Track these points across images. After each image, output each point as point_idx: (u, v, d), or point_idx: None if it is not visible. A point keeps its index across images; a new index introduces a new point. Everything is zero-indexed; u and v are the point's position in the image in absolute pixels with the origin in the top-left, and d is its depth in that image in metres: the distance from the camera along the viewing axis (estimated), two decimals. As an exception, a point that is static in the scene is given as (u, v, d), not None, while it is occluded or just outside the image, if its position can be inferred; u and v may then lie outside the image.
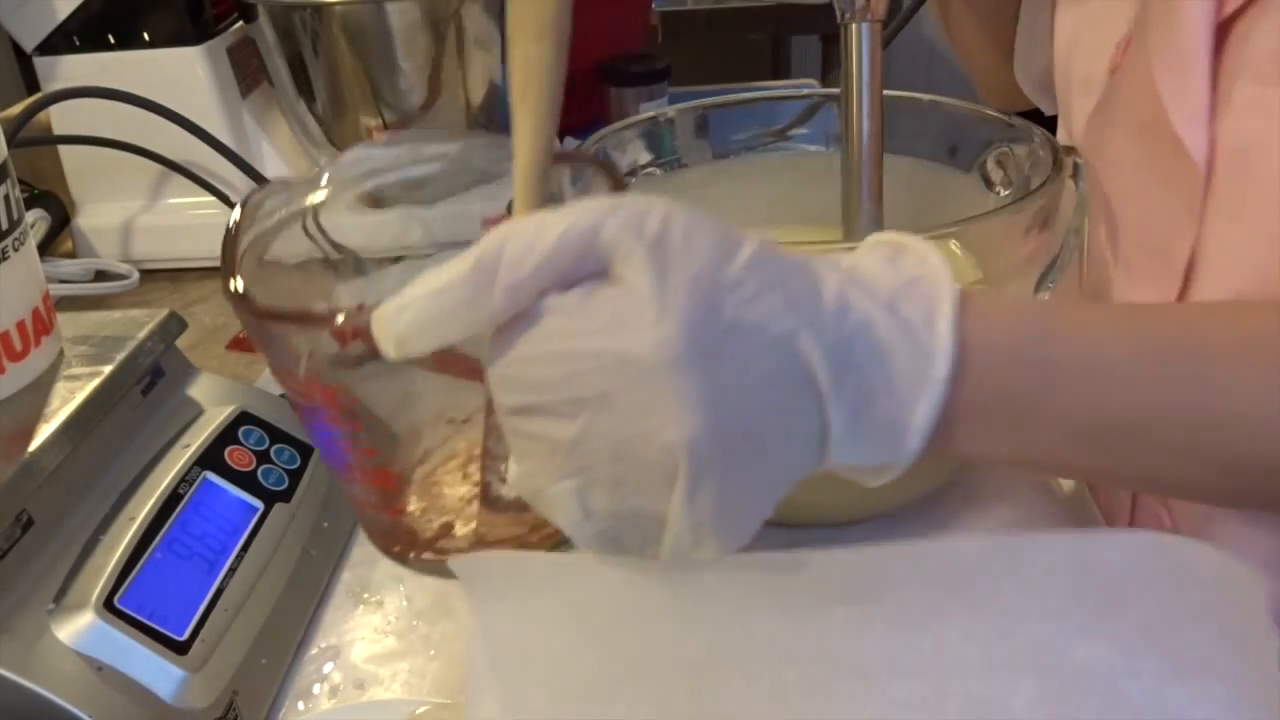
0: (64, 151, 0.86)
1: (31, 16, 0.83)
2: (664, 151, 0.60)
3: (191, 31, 0.83)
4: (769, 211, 0.60)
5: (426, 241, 0.54)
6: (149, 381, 0.53)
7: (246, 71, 0.89)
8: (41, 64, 0.84)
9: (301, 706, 0.47)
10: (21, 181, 0.91)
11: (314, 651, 0.50)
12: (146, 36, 0.84)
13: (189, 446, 0.51)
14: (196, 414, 0.54)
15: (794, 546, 0.43)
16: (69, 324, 0.53)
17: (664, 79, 1.05)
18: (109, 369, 0.49)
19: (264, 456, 0.53)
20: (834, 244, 0.53)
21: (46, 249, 0.86)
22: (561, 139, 0.97)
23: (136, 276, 0.84)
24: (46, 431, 0.45)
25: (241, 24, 0.89)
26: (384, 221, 0.51)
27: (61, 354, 0.50)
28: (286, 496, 0.53)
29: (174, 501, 0.48)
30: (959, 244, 0.53)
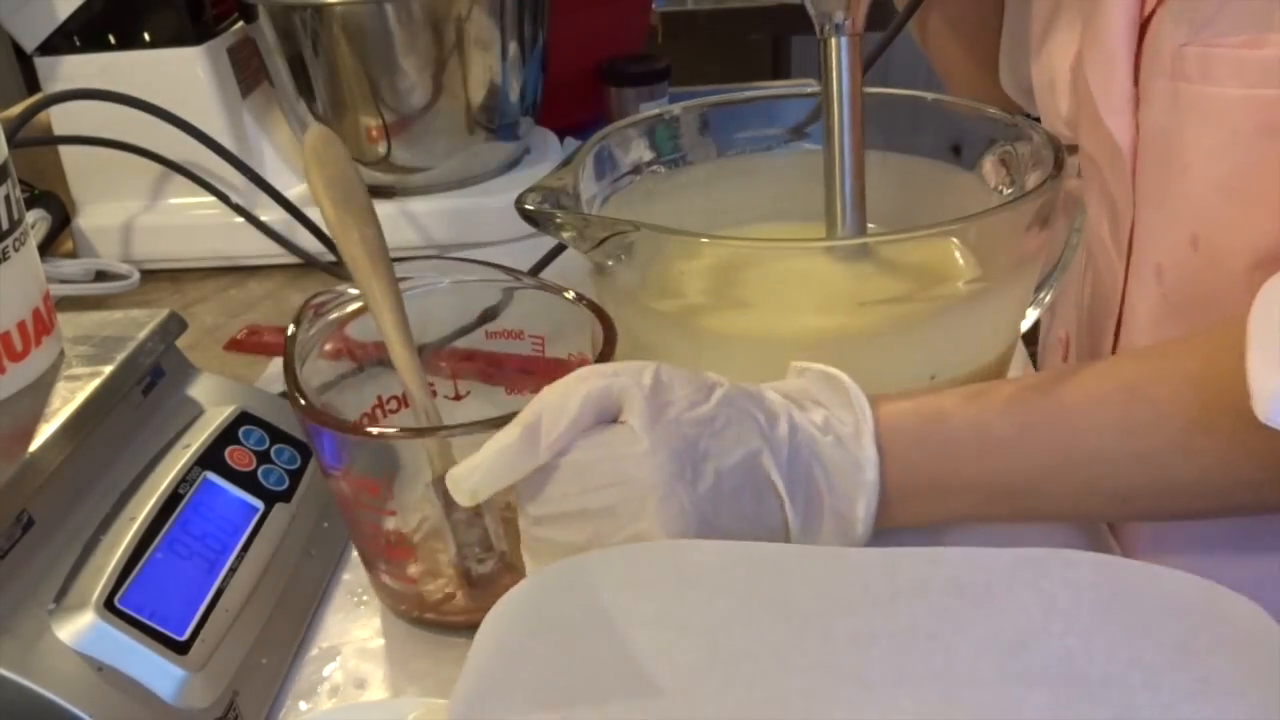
0: (64, 152, 0.86)
1: (32, 17, 0.83)
2: (668, 150, 0.59)
3: (191, 32, 0.83)
4: (772, 208, 0.60)
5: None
6: (149, 381, 0.52)
7: (246, 71, 0.89)
8: (42, 64, 0.84)
9: (303, 706, 0.47)
10: (21, 181, 0.90)
11: (315, 652, 0.50)
12: (147, 37, 0.83)
13: (189, 446, 0.51)
14: (197, 414, 0.54)
15: (795, 544, 0.43)
16: (69, 324, 0.53)
17: (664, 79, 1.05)
18: (109, 369, 0.49)
19: (264, 456, 0.53)
20: (828, 242, 0.53)
21: (47, 249, 0.86)
22: (562, 139, 0.97)
23: (136, 276, 0.83)
24: (46, 431, 0.45)
25: (241, 24, 0.88)
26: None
27: (62, 354, 0.50)
28: (287, 496, 0.53)
29: (174, 501, 0.48)
30: (960, 242, 0.53)
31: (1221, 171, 0.46)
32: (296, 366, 0.48)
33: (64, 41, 0.83)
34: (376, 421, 0.53)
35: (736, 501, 0.41)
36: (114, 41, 0.84)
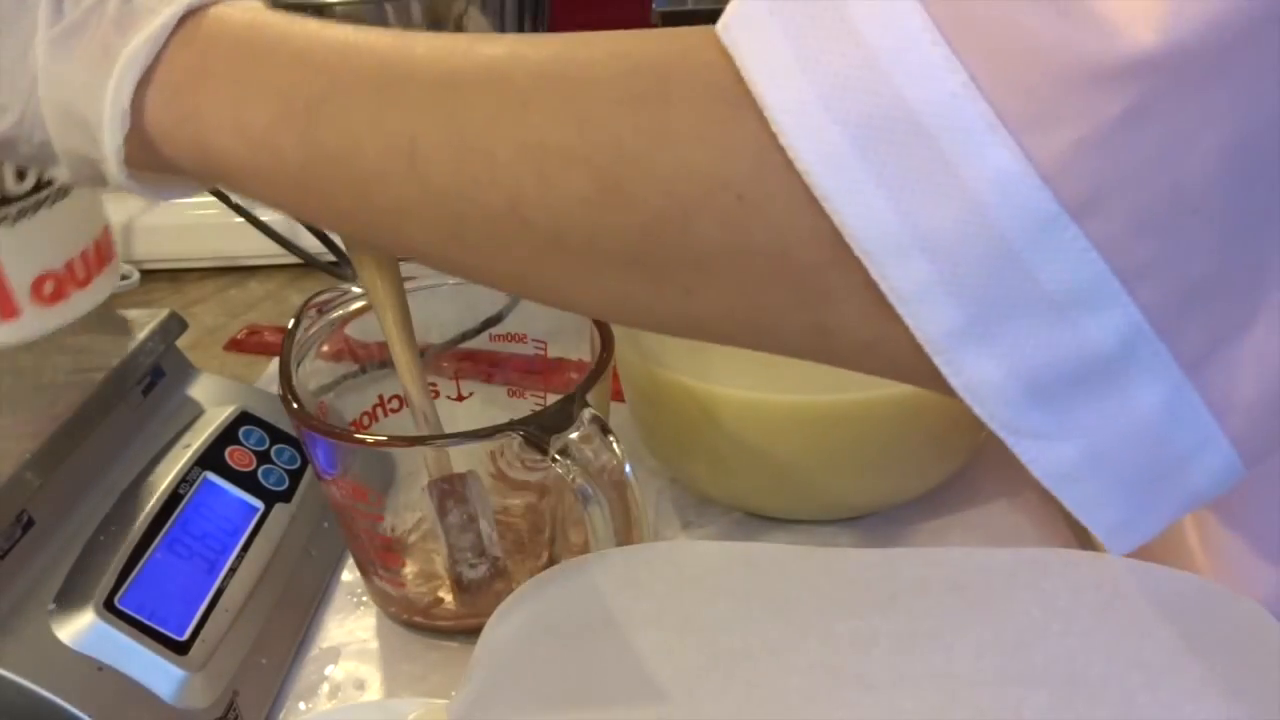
0: (64, 152, 0.86)
1: (31, 17, 0.83)
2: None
3: (191, 32, 0.83)
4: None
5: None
6: (149, 381, 0.52)
7: (246, 72, 0.88)
8: (41, 64, 0.84)
9: (303, 707, 0.47)
10: (21, 182, 0.91)
11: (315, 652, 0.50)
12: (146, 37, 0.83)
13: (189, 446, 0.51)
14: (197, 414, 0.54)
15: (796, 543, 0.43)
16: (69, 324, 0.53)
17: (664, 79, 1.05)
18: (109, 369, 0.49)
19: (264, 457, 0.53)
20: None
21: (46, 249, 0.86)
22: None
23: (136, 276, 0.83)
24: (46, 431, 0.45)
25: (241, 24, 0.88)
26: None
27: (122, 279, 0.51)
28: (287, 497, 0.53)
29: (174, 501, 0.48)
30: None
31: None
32: (293, 369, 0.48)
33: (64, 41, 0.83)
34: (377, 420, 0.53)
35: None
36: (114, 41, 0.84)
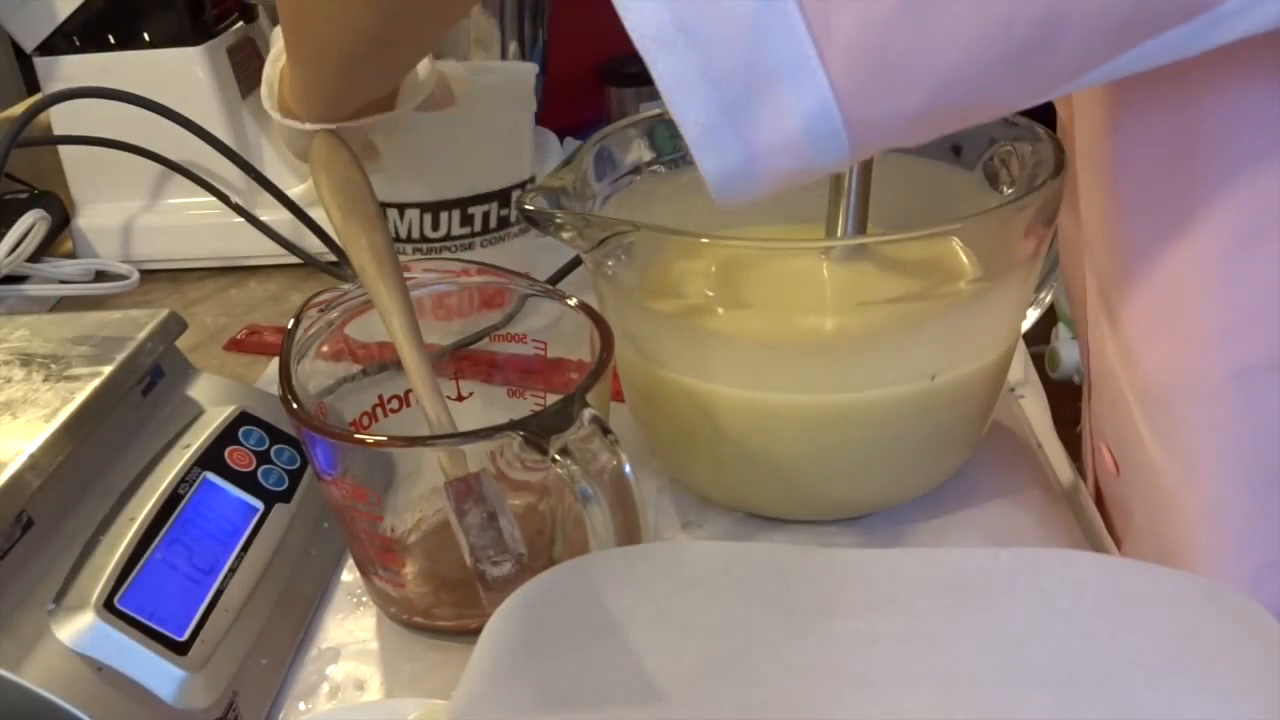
0: (64, 151, 0.86)
1: (32, 17, 0.83)
2: (668, 150, 0.59)
3: (191, 32, 0.83)
4: (773, 208, 0.60)
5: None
6: (149, 382, 0.52)
7: (246, 71, 0.88)
8: (42, 64, 0.84)
9: (303, 707, 0.47)
10: (21, 181, 0.91)
11: (315, 652, 0.50)
12: (146, 37, 0.83)
13: (189, 447, 0.51)
14: (196, 414, 0.54)
15: (796, 544, 0.43)
16: (69, 324, 0.53)
17: (664, 79, 1.05)
18: (109, 369, 0.49)
19: (264, 457, 0.53)
20: (829, 242, 0.53)
21: (46, 249, 0.86)
22: (562, 139, 0.97)
23: (136, 276, 0.83)
24: (46, 431, 0.45)
25: (241, 24, 0.88)
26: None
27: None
28: (287, 497, 0.53)
29: (174, 502, 0.48)
30: (960, 242, 0.53)
31: None
32: (293, 369, 0.48)
33: (63, 41, 0.83)
34: (377, 420, 0.53)
35: None
36: (113, 41, 0.83)
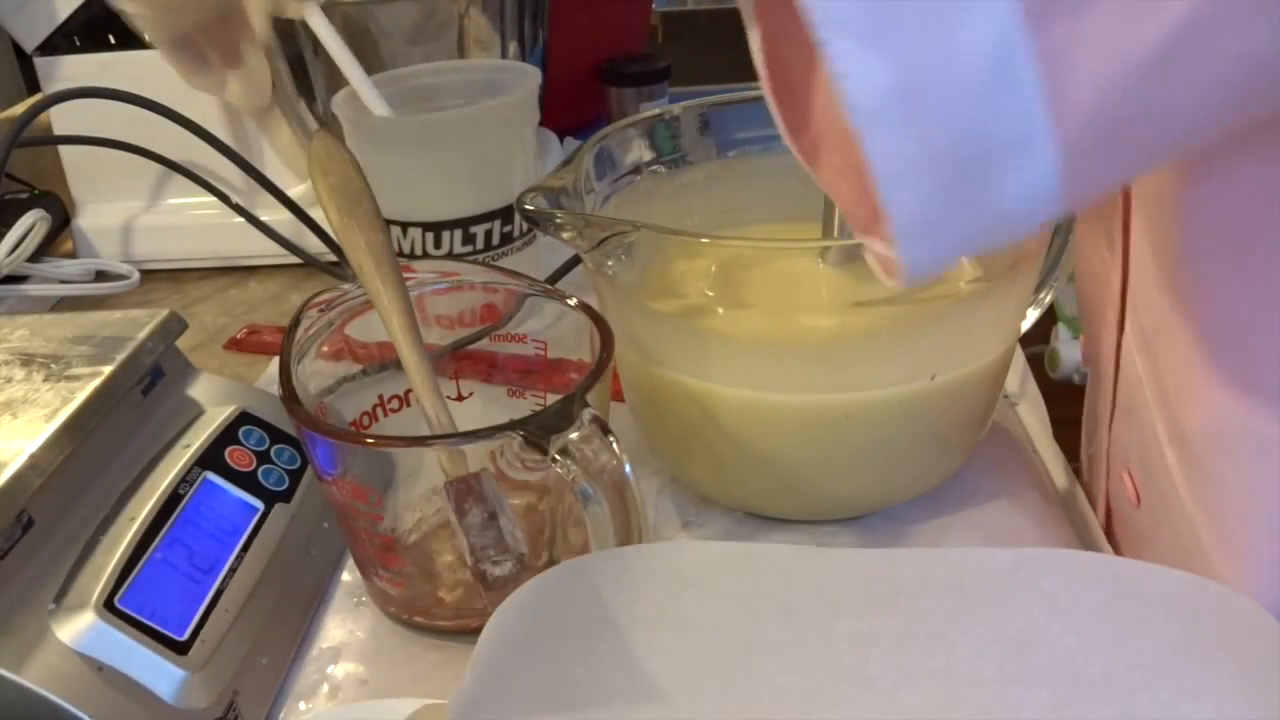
0: (64, 152, 0.86)
1: (32, 17, 0.83)
2: (668, 150, 0.59)
3: (191, 32, 0.83)
4: (773, 208, 0.60)
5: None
6: (149, 381, 0.52)
7: (247, 72, 0.88)
8: (42, 64, 0.84)
9: (303, 706, 0.47)
10: (21, 181, 0.91)
11: (315, 651, 0.50)
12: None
13: (189, 446, 0.51)
14: (197, 414, 0.54)
15: (796, 544, 0.43)
16: (69, 324, 0.53)
17: (664, 79, 1.05)
18: (109, 369, 0.49)
19: (264, 457, 0.53)
20: (829, 242, 0.53)
21: (47, 249, 0.86)
22: (562, 139, 0.97)
23: (136, 276, 0.83)
24: (46, 431, 0.45)
25: (241, 24, 0.88)
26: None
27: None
28: (287, 497, 0.53)
29: (174, 501, 0.48)
30: (961, 243, 0.53)
31: None
32: (293, 369, 0.48)
33: (64, 41, 0.83)
34: (377, 420, 0.53)
35: None
36: (113, 41, 0.83)
